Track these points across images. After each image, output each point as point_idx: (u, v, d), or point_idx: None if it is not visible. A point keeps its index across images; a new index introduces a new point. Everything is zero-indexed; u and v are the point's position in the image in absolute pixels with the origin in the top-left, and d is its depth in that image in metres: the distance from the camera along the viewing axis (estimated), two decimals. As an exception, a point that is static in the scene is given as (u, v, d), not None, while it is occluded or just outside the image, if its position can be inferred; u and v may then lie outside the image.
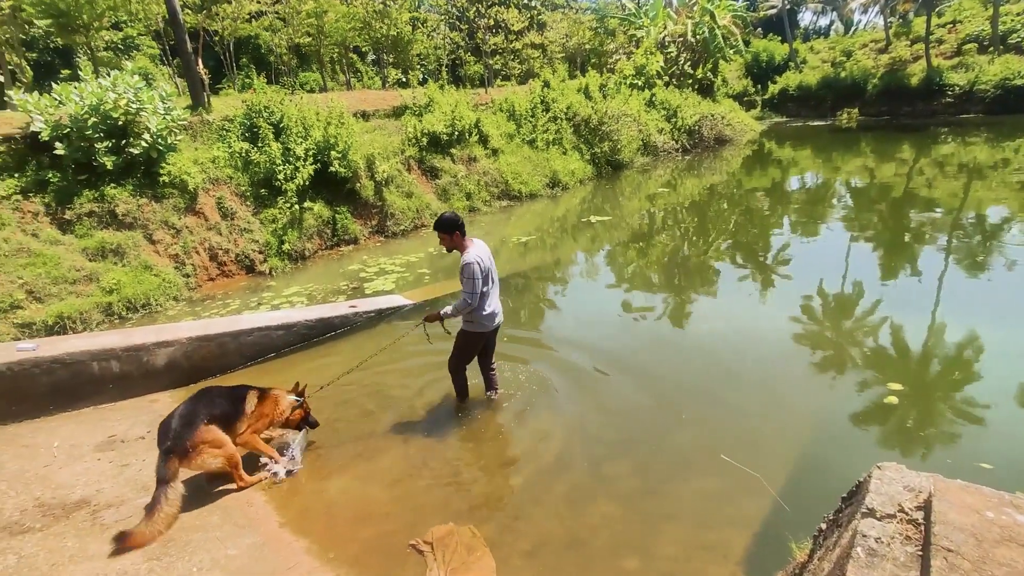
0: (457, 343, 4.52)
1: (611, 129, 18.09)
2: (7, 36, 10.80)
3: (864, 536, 1.81)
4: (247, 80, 11.48)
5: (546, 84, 18.09)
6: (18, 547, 3.10)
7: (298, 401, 4.15)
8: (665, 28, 26.92)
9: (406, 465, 4.00)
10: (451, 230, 4.16)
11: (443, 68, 22.85)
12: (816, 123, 32.13)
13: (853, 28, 47.62)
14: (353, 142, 11.13)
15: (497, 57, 23.25)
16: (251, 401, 3.90)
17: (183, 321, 7.18)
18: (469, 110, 14.69)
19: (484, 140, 14.83)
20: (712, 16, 25.96)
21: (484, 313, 4.29)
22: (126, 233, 8.45)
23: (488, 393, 4.83)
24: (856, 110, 32.28)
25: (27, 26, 12.34)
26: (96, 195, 8.44)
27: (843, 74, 33.60)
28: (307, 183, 10.43)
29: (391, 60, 20.15)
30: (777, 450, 4.04)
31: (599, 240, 10.95)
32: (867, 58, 34.03)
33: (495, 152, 14.92)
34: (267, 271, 9.59)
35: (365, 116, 13.62)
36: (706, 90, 27.14)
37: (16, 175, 8.14)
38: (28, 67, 11.92)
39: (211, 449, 3.51)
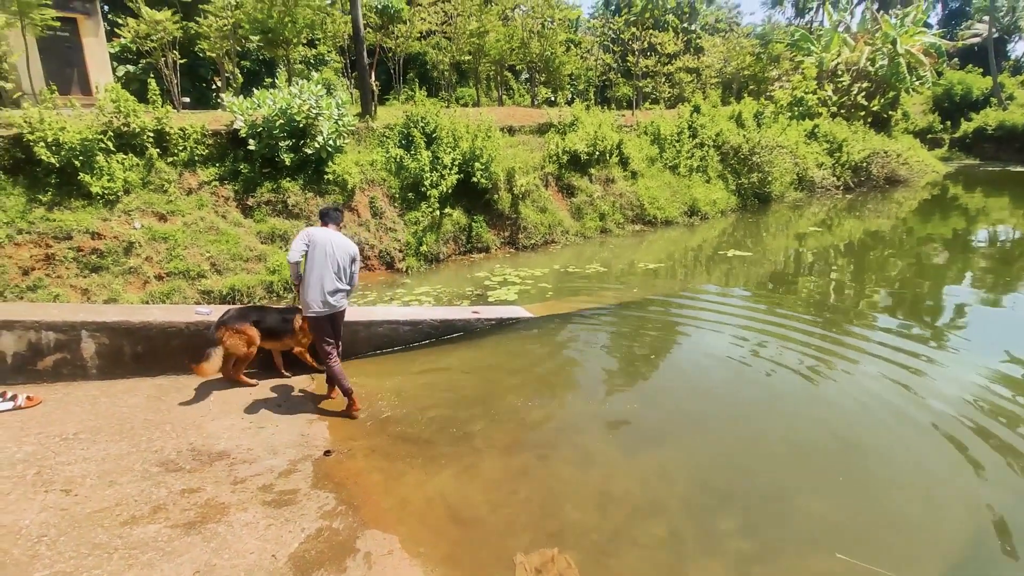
0: None
1: (763, 160, 16.97)
2: (226, 48, 12.79)
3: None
4: (410, 93, 12.51)
5: (696, 109, 17.48)
6: (169, 483, 3.59)
7: None
8: (839, 55, 24.77)
9: (506, 475, 4.02)
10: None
11: (591, 89, 23.03)
12: (1018, 169, 27.54)
13: (1083, 61, 40.28)
14: (496, 155, 11.59)
15: (648, 80, 22.96)
16: (297, 320, 5.18)
17: (327, 306, 7.92)
18: (612, 131, 14.64)
19: (624, 162, 14.67)
20: (895, 43, 23.41)
21: (305, 296, 4.52)
22: (293, 222, 9.53)
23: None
24: (1076, 157, 27.19)
25: (244, 40, 14.51)
26: (274, 187, 9.64)
27: (1063, 114, 28.48)
28: (450, 191, 11.04)
29: (542, 79, 20.77)
30: (928, 543, 3.46)
31: (734, 276, 10.27)
32: (1099, 96, 28.53)
33: (634, 175, 14.69)
34: (404, 269, 10.27)
35: (511, 131, 14.13)
36: (881, 124, 24.48)
37: (217, 164, 9.55)
38: (240, 74, 13.98)
39: (238, 341, 4.95)
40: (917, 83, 25.22)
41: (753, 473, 4.14)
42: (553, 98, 19.88)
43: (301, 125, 9.71)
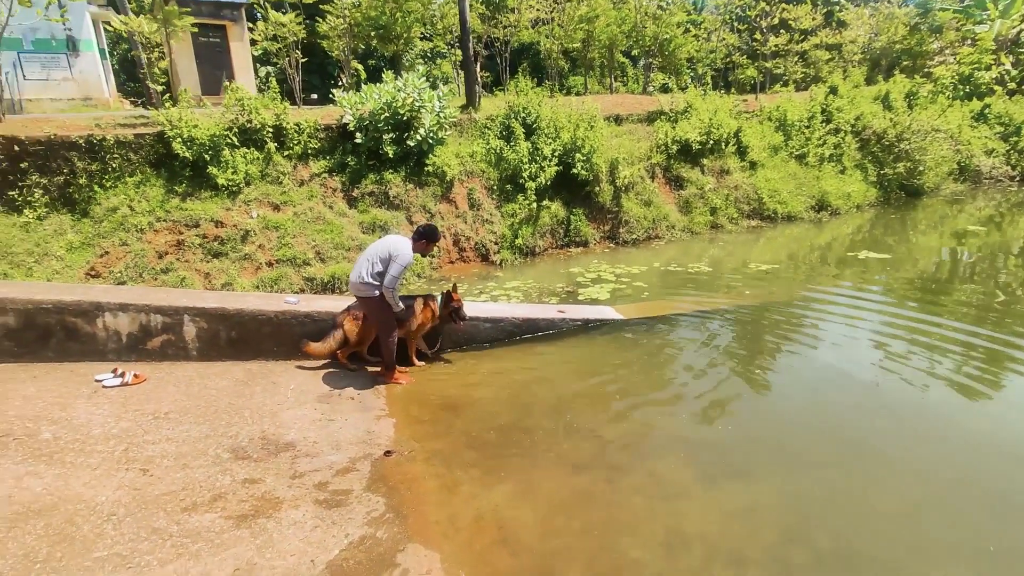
0: None
1: (913, 147, 14.72)
2: (343, 46, 13.42)
3: None
4: (519, 83, 12.37)
5: (832, 90, 15.56)
6: (235, 471, 3.70)
7: (448, 302, 5.58)
8: (1023, 21, 20.86)
9: (568, 496, 3.69)
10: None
11: (709, 72, 21.42)
12: None
13: None
14: (599, 145, 11.08)
15: (777, 60, 20.87)
16: (418, 305, 5.49)
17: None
18: (730, 118, 13.44)
19: (742, 151, 13.42)
20: (1105, 2, 19.21)
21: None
22: (393, 213, 9.78)
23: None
24: None
25: (365, 38, 15.18)
26: (377, 178, 9.94)
27: None
28: (548, 183, 10.74)
29: (658, 64, 19.63)
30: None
31: (868, 280, 8.92)
32: None
33: (753, 165, 13.40)
34: (498, 262, 10.17)
35: (618, 120, 13.48)
36: (1076, 102, 20.31)
37: (327, 157, 10.03)
38: (363, 71, 14.64)
39: (354, 327, 5.28)
40: None
41: (868, 530, 3.43)
42: (668, 84, 18.74)
43: (404, 118, 9.90)
